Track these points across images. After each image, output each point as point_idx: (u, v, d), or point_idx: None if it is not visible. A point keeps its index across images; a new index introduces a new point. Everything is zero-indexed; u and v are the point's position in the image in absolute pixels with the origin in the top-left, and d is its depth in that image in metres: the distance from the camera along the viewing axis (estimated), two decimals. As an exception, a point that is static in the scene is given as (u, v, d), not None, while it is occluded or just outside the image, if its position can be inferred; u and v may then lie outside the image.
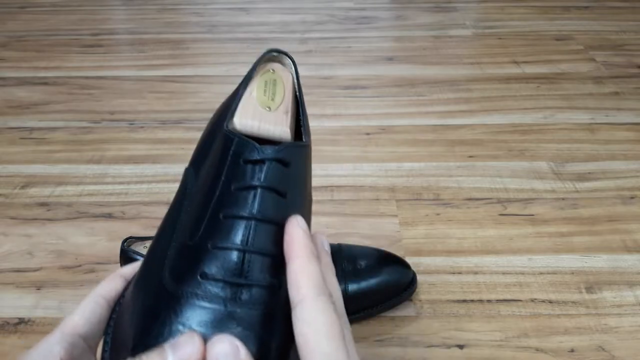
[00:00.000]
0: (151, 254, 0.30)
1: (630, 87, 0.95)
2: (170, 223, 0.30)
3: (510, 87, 0.95)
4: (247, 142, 0.29)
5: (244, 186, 0.28)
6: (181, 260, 0.28)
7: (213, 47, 1.12)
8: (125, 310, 0.29)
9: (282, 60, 0.36)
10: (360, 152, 0.78)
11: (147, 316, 0.27)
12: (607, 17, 1.24)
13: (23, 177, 0.74)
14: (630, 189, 0.70)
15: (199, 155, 0.32)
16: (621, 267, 0.59)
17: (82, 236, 0.64)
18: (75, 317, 0.29)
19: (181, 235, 0.29)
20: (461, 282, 0.57)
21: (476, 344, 0.51)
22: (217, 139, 0.31)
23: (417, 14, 1.28)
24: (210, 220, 0.28)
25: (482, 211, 0.67)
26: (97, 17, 1.28)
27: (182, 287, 0.27)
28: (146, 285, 0.29)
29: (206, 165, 0.31)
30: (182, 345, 0.25)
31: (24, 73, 1.02)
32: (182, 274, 0.27)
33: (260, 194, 0.28)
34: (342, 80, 0.98)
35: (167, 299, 0.27)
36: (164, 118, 0.87)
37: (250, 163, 0.29)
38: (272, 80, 0.34)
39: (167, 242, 0.29)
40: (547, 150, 0.78)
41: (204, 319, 0.26)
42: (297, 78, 0.35)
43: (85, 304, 0.29)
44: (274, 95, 0.33)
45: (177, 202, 0.31)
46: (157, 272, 0.28)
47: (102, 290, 0.30)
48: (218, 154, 0.30)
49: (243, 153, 0.29)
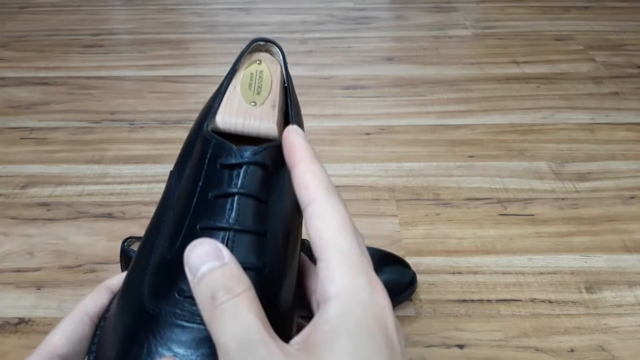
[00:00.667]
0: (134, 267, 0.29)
1: (630, 87, 0.95)
2: (154, 230, 0.29)
3: (510, 87, 0.95)
4: (223, 145, 0.27)
5: (221, 194, 0.26)
6: (159, 276, 0.27)
7: (213, 47, 1.12)
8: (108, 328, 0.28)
9: (270, 49, 0.33)
10: (360, 152, 0.78)
11: (127, 338, 0.26)
12: (607, 17, 1.24)
13: (23, 177, 0.74)
14: (630, 189, 0.70)
15: (182, 157, 0.30)
16: (621, 267, 0.59)
17: (82, 236, 0.64)
18: (55, 337, 0.27)
19: (162, 246, 0.28)
20: (461, 282, 0.57)
21: (476, 343, 0.51)
22: (197, 140, 0.29)
23: (417, 14, 1.28)
24: (187, 232, 0.27)
25: (482, 211, 0.67)
26: (97, 18, 1.28)
27: (160, 306, 0.26)
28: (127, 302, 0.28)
29: (187, 169, 0.29)
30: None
31: (24, 73, 1.02)
32: (160, 291, 0.26)
33: (237, 201, 0.26)
34: (342, 80, 0.98)
35: (146, 319, 0.26)
36: (164, 118, 0.87)
37: (227, 168, 0.27)
38: (258, 72, 0.32)
39: (149, 251, 0.28)
40: (547, 150, 0.78)
41: (183, 339, 0.25)
42: (286, 68, 0.33)
43: (67, 323, 0.28)
44: (259, 89, 0.31)
45: (161, 208, 0.30)
46: (137, 289, 0.27)
47: (85, 306, 0.29)
48: (197, 158, 0.28)
49: (220, 157, 0.27)
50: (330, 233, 0.23)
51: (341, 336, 0.21)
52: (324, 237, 0.23)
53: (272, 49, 0.33)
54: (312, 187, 0.24)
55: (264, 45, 0.33)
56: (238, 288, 0.23)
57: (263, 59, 0.33)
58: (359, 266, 0.23)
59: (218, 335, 0.22)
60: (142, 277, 0.27)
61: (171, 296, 0.26)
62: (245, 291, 0.23)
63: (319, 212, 0.24)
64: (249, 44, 0.33)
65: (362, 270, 0.23)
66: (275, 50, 0.33)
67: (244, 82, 0.31)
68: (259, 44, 0.33)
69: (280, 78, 0.32)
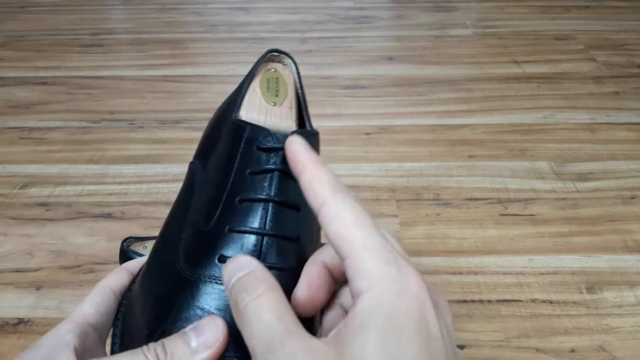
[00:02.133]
0: (161, 245, 0.30)
1: (630, 87, 0.94)
2: (181, 213, 0.30)
3: (511, 86, 0.95)
4: (260, 129, 0.29)
5: (260, 170, 0.28)
6: (196, 245, 0.28)
7: (213, 47, 1.12)
8: (134, 302, 0.28)
9: (283, 61, 0.36)
10: (360, 152, 0.78)
11: (162, 303, 0.27)
12: (608, 16, 1.24)
13: (22, 177, 0.74)
14: (630, 189, 0.70)
15: (205, 148, 0.32)
16: (622, 267, 0.59)
17: (82, 236, 0.64)
18: (85, 306, 0.28)
19: (194, 223, 0.29)
20: (461, 282, 0.57)
21: (476, 344, 0.51)
22: (224, 129, 0.31)
23: (417, 13, 1.28)
24: (225, 205, 0.28)
25: (483, 211, 0.67)
26: (96, 17, 1.27)
27: (198, 272, 0.26)
28: (158, 274, 0.28)
29: (215, 155, 0.30)
30: (205, 329, 0.24)
31: (23, 73, 1.02)
32: (199, 258, 0.27)
33: (277, 176, 0.28)
34: (342, 80, 0.98)
35: (183, 284, 0.26)
36: (163, 118, 0.87)
37: (264, 151, 0.28)
38: (274, 78, 0.34)
39: (179, 231, 0.29)
40: (548, 150, 0.78)
41: (222, 303, 0.25)
42: (299, 77, 0.35)
43: (93, 295, 0.29)
44: (277, 92, 0.33)
45: (184, 194, 0.31)
46: (169, 260, 0.28)
47: (108, 282, 0.30)
48: (229, 143, 0.30)
49: (257, 139, 0.28)
50: (348, 230, 0.23)
51: (369, 330, 0.21)
52: (343, 235, 0.23)
53: (285, 60, 0.36)
54: (319, 192, 0.24)
55: (277, 56, 0.36)
56: (259, 289, 0.23)
57: (277, 68, 0.35)
58: (385, 255, 0.22)
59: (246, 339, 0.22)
60: (174, 249, 0.28)
61: (210, 262, 0.27)
62: (267, 291, 0.23)
63: (331, 213, 0.24)
64: (265, 54, 0.35)
65: (389, 259, 0.22)
66: (288, 61, 0.36)
67: (262, 85, 0.33)
68: (274, 54, 0.35)
69: (293, 85, 0.35)
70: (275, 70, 0.35)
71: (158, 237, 0.31)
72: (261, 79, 0.34)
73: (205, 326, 0.24)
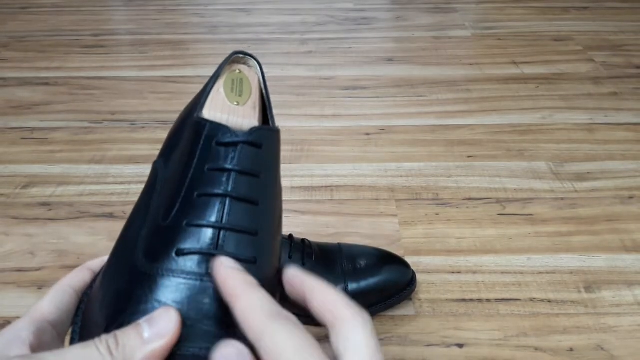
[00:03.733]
0: (121, 242, 0.30)
1: (629, 88, 0.95)
2: (142, 210, 0.30)
3: (510, 87, 0.96)
4: (219, 126, 0.30)
5: (218, 167, 0.29)
6: (155, 240, 0.28)
7: (214, 48, 1.12)
8: (94, 299, 0.29)
9: (248, 62, 0.37)
10: (360, 152, 0.79)
11: (121, 297, 0.27)
12: (606, 17, 1.24)
13: (24, 177, 0.74)
14: (628, 189, 0.71)
15: (168, 147, 0.33)
16: (620, 266, 0.59)
17: (84, 236, 0.64)
18: (44, 304, 0.28)
19: (154, 218, 0.29)
20: (460, 282, 0.57)
21: (475, 343, 0.51)
22: (187, 128, 0.31)
23: (416, 15, 1.29)
24: (184, 200, 0.28)
25: (481, 211, 0.67)
26: (98, 18, 1.28)
27: (156, 265, 0.27)
28: (118, 270, 0.29)
29: (177, 153, 0.31)
30: (158, 320, 0.24)
31: (25, 73, 1.03)
32: (157, 253, 0.27)
33: (233, 176, 0.29)
34: (342, 81, 0.99)
35: (142, 278, 0.27)
36: (165, 118, 0.88)
37: (223, 146, 0.29)
38: (238, 79, 0.35)
39: (139, 227, 0.29)
40: (546, 150, 0.78)
41: (180, 295, 0.26)
42: (264, 78, 0.36)
43: (54, 293, 0.29)
44: (241, 92, 0.34)
45: (146, 192, 0.31)
46: (129, 256, 0.28)
47: (70, 280, 0.30)
48: (190, 141, 0.30)
49: (216, 136, 0.29)
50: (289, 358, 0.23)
51: None
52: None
53: (250, 62, 0.36)
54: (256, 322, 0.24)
55: (242, 58, 0.36)
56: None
57: (242, 69, 0.36)
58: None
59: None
60: (134, 246, 0.29)
61: (167, 256, 0.27)
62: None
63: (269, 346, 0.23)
64: (229, 56, 0.36)
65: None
66: (253, 63, 0.36)
67: (226, 85, 0.34)
68: (238, 56, 0.36)
69: (258, 86, 0.35)
70: (240, 72, 0.35)
71: (119, 235, 0.31)
72: (225, 79, 0.34)
73: (159, 317, 0.25)
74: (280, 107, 0.90)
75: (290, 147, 0.80)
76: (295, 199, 0.69)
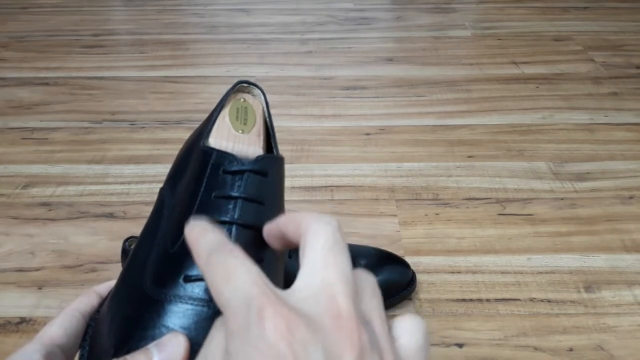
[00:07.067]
0: (129, 267, 0.30)
1: (629, 88, 0.95)
2: (149, 237, 0.31)
3: (510, 87, 0.96)
4: (226, 154, 0.30)
5: (224, 195, 0.29)
6: (163, 266, 0.28)
7: (213, 48, 1.12)
8: (102, 324, 0.29)
9: (252, 91, 0.37)
10: (360, 152, 0.79)
11: (129, 323, 0.27)
12: (606, 17, 1.24)
13: (24, 177, 0.74)
14: (628, 189, 0.71)
15: (175, 174, 0.33)
16: (620, 266, 0.59)
17: (83, 236, 0.64)
18: (54, 327, 0.29)
19: (162, 244, 0.29)
20: (460, 282, 0.57)
21: (475, 342, 0.51)
22: (194, 156, 0.32)
23: (416, 14, 1.29)
24: None
25: (481, 211, 0.67)
26: (97, 18, 1.28)
27: (164, 291, 0.27)
28: (126, 295, 0.29)
29: (184, 180, 0.32)
30: (166, 345, 0.25)
31: (25, 73, 1.03)
32: (165, 279, 0.28)
33: (240, 203, 0.29)
34: (342, 81, 0.99)
35: (149, 304, 0.27)
36: (164, 118, 0.88)
37: (229, 174, 0.30)
38: (243, 108, 0.36)
39: (147, 253, 0.30)
40: (546, 150, 0.78)
41: (187, 321, 0.26)
42: (267, 106, 0.36)
43: (62, 317, 0.30)
44: (245, 120, 0.35)
45: (153, 218, 0.32)
46: (137, 282, 0.29)
47: (78, 305, 0.31)
48: (197, 168, 0.31)
49: (222, 164, 0.30)
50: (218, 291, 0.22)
51: None
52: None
53: (254, 91, 0.37)
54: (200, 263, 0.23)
55: (246, 87, 0.37)
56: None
57: (246, 98, 0.36)
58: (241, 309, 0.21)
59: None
60: (142, 271, 0.29)
61: (175, 283, 0.28)
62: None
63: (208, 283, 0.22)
64: (234, 85, 0.36)
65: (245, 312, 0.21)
66: (257, 92, 0.37)
67: (231, 114, 0.35)
68: (243, 85, 0.37)
69: (262, 114, 0.36)
70: (245, 100, 0.36)
71: (127, 261, 0.31)
72: (230, 108, 0.35)
73: (168, 342, 0.25)
74: (280, 107, 0.90)
75: (290, 147, 0.80)
76: (295, 199, 0.69)
